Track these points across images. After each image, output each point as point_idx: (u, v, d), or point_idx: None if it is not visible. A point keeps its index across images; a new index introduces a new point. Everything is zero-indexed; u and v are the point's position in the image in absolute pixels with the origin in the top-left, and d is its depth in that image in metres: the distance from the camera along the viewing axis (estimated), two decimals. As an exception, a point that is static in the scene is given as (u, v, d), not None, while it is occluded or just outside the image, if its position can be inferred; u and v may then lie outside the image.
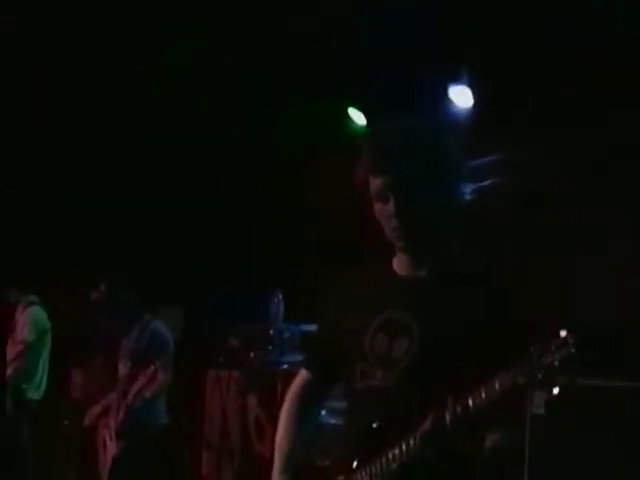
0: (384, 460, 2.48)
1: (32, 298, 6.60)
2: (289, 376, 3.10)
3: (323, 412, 4.50)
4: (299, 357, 4.67)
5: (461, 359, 2.48)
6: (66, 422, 6.65)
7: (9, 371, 6.43)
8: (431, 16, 5.76)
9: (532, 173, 5.80)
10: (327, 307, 2.87)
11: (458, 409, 2.32)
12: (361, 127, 7.09)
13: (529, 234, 5.79)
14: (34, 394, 6.53)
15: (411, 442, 2.41)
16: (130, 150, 7.78)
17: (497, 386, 2.27)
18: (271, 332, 5.82)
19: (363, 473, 2.54)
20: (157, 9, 6.84)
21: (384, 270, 2.73)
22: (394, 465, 2.45)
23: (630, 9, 5.22)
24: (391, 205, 2.57)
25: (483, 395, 2.29)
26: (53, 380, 6.75)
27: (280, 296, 5.75)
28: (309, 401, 2.94)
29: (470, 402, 2.31)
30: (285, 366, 5.63)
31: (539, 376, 2.18)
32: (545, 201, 5.73)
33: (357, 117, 7.20)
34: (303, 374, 2.96)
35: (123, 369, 5.90)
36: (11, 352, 6.52)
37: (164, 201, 7.80)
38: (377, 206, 2.62)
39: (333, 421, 4.54)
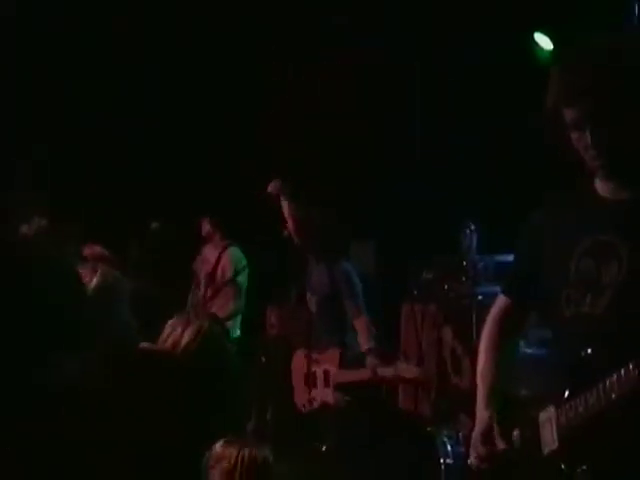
0: (601, 389, 2.32)
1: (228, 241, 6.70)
2: (484, 308, 2.96)
3: (521, 342, 4.30)
4: (494, 289, 4.55)
5: None
6: (263, 359, 6.56)
7: (215, 309, 6.41)
8: None
9: None
10: (527, 231, 2.72)
11: None
12: (548, 53, 6.74)
13: None
14: (235, 332, 6.56)
15: (632, 371, 2.24)
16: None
17: None
18: (464, 264, 5.60)
19: (577, 402, 2.38)
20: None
21: (587, 192, 2.56)
22: (613, 395, 2.29)
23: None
24: (587, 136, 2.42)
25: None
26: (250, 318, 6.81)
27: (473, 227, 5.54)
28: (509, 327, 2.79)
29: None
30: (480, 297, 5.35)
31: None
32: None
33: (544, 42, 6.84)
34: (501, 300, 2.82)
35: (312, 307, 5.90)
36: (210, 290, 6.63)
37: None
38: (574, 135, 2.48)
39: (530, 351, 4.37)
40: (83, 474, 2.06)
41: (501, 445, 2.60)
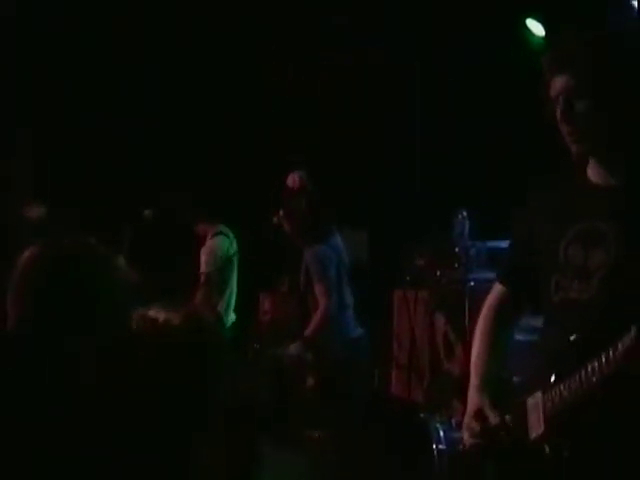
0: (583, 373, 2.34)
1: (220, 228, 6.45)
2: (476, 293, 2.97)
3: None
4: (486, 274, 4.69)
5: None
6: (256, 345, 6.52)
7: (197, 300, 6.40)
8: None
9: None
10: (521, 218, 2.73)
11: None
12: (540, 39, 6.73)
13: None
14: (228, 319, 6.43)
15: (612, 356, 2.26)
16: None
17: None
18: (456, 250, 5.64)
19: (562, 387, 2.41)
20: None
21: (578, 178, 2.56)
22: (594, 379, 2.31)
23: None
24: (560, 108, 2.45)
25: None
26: (243, 305, 6.71)
27: (464, 213, 5.60)
28: (505, 314, 2.81)
29: None
30: (472, 283, 5.38)
31: None
32: None
33: (536, 29, 6.82)
34: (498, 288, 2.83)
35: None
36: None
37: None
38: (558, 109, 2.48)
39: (521, 337, 4.44)
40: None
41: (494, 420, 2.60)
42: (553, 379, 2.45)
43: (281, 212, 5.86)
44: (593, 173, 2.55)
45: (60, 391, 2.08)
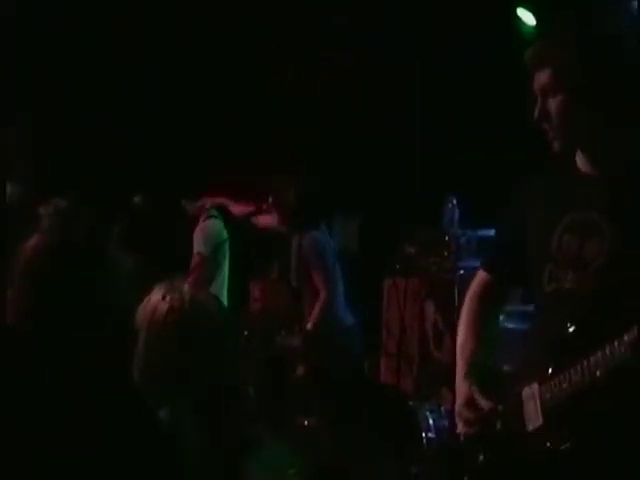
0: (585, 366, 2.30)
1: (212, 212, 6.46)
2: (466, 282, 2.94)
3: (501, 316, 4.34)
4: (476, 263, 4.85)
5: None
6: (245, 333, 6.46)
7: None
8: None
9: None
10: (509, 207, 2.71)
11: None
12: (531, 28, 6.57)
13: None
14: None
15: (617, 348, 2.22)
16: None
17: None
18: (447, 238, 5.63)
19: (561, 379, 2.37)
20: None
21: (571, 167, 2.53)
22: (597, 372, 2.27)
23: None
24: (549, 102, 2.44)
25: None
26: (233, 293, 6.65)
27: (454, 201, 5.59)
28: (489, 301, 2.82)
29: None
30: (462, 272, 5.41)
31: None
32: None
33: (527, 18, 6.65)
34: (481, 275, 2.85)
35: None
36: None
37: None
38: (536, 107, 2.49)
39: (512, 325, 4.39)
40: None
41: (486, 405, 2.59)
42: (551, 371, 2.42)
43: (270, 200, 5.89)
44: (582, 163, 2.53)
45: (60, 391, 2.07)
